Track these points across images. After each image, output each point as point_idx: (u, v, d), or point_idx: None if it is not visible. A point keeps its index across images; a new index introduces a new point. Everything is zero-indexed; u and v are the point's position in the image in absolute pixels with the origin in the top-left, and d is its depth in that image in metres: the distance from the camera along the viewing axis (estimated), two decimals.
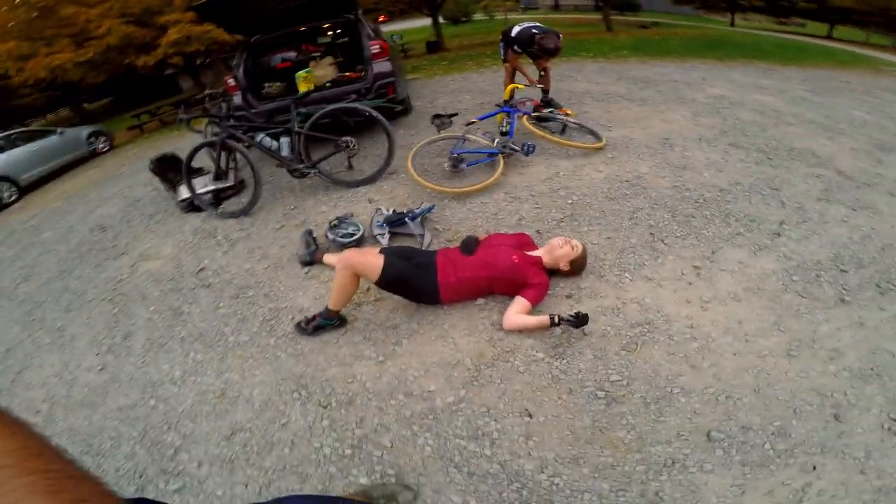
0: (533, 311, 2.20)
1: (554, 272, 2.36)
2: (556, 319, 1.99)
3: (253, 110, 4.63)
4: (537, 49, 4.39)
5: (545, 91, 4.90)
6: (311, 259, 2.92)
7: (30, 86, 13.53)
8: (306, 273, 2.91)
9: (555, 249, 2.30)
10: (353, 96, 4.42)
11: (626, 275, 2.43)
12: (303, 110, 3.90)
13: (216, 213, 3.95)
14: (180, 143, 7.45)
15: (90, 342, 2.95)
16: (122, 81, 18.01)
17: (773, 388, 1.78)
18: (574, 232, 2.82)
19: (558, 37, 4.39)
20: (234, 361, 2.40)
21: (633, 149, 3.85)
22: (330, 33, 6.35)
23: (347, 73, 5.26)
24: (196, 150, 3.80)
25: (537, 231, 2.89)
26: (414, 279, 2.23)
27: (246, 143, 3.71)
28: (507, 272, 2.21)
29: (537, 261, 2.31)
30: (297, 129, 3.68)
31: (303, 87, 4.77)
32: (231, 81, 4.79)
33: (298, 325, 2.40)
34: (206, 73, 16.22)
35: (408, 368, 2.10)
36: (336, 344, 2.32)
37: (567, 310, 2.18)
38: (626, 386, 1.86)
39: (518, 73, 4.92)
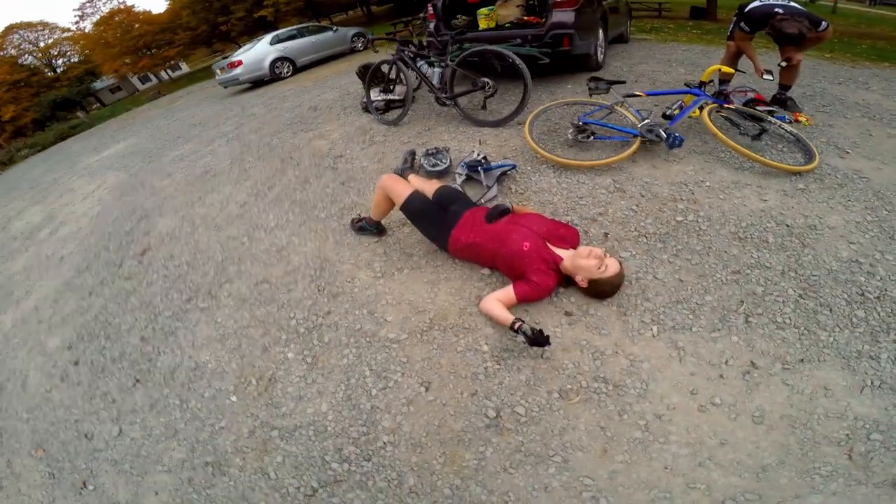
0: (518, 308, 2.03)
1: (572, 283, 2.07)
2: (517, 326, 1.79)
3: (439, 37, 4.87)
4: (772, 31, 3.43)
5: (784, 87, 3.76)
6: (402, 175, 3.27)
7: None
8: None
9: (579, 257, 1.97)
10: (518, 41, 4.30)
11: (654, 328, 1.89)
12: (467, 45, 4.09)
13: (378, 117, 4.67)
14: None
15: (252, 185, 4.07)
16: None
17: None
18: (648, 255, 2.23)
19: (812, 23, 3.30)
20: (305, 228, 3.08)
21: (853, 192, 2.54)
22: None
23: (529, 17, 5.01)
24: (378, 64, 4.51)
25: (605, 234, 2.43)
26: (433, 221, 2.32)
27: (409, 67, 4.19)
28: (510, 255, 2.04)
29: (553, 259, 2.03)
30: (447, 62, 3.96)
31: (483, 24, 4.86)
32: (430, 9, 5.20)
33: (353, 220, 2.86)
34: None
35: (389, 293, 2.32)
36: (362, 246, 2.73)
37: (556, 325, 1.95)
38: (521, 424, 1.66)
39: (745, 57, 3.82)
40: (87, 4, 31.99)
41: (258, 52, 10.80)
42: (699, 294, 2.00)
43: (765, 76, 3.44)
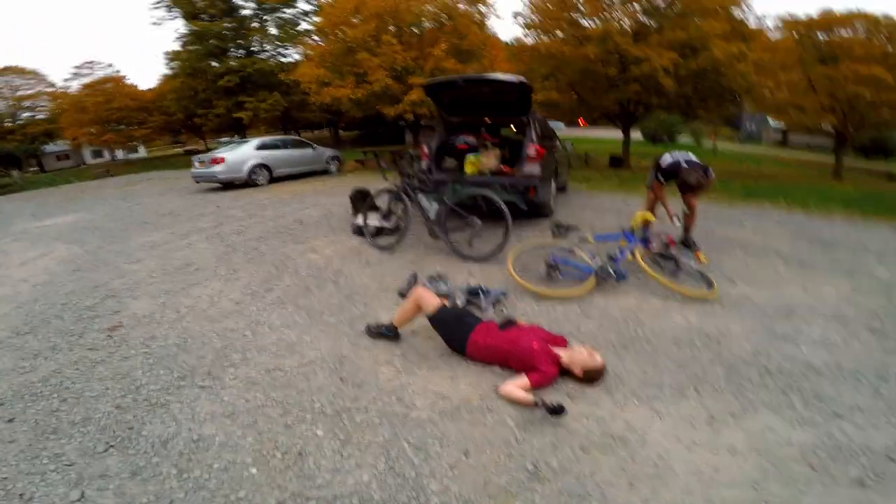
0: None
1: (567, 373, 2.74)
2: (539, 402, 2.40)
3: (430, 175, 5.90)
4: (679, 182, 4.65)
5: (686, 229, 5.04)
6: (407, 294, 3.89)
7: (315, 106, 18.99)
8: (396, 302, 3.88)
9: (575, 353, 2.71)
10: (498, 187, 5.32)
11: (635, 400, 2.63)
12: (456, 187, 5.08)
13: (370, 241, 5.38)
14: (380, 183, 9.60)
15: (245, 285, 4.46)
16: (369, 122, 23.76)
17: None
18: (616, 355, 3.07)
19: (705, 173, 4.56)
20: (316, 329, 3.48)
21: (743, 309, 3.73)
22: (508, 128, 7.70)
23: (505, 167, 6.27)
24: (379, 192, 5.39)
25: (581, 343, 3.15)
26: (454, 327, 2.99)
27: (411, 199, 5.09)
28: (522, 352, 2.71)
29: (555, 356, 2.73)
30: (446, 200, 4.88)
31: (469, 170, 6.06)
32: (425, 149, 6.42)
33: (368, 327, 3.35)
34: (423, 133, 19.89)
35: (413, 385, 2.75)
36: (379, 349, 3.16)
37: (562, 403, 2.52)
38: (557, 473, 2.11)
39: (659, 204, 5.06)
40: (86, 66, 32.70)
41: (242, 154, 11.59)
42: (659, 377, 2.83)
43: (674, 221, 4.80)
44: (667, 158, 4.95)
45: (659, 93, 13.12)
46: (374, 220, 5.58)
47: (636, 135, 21.64)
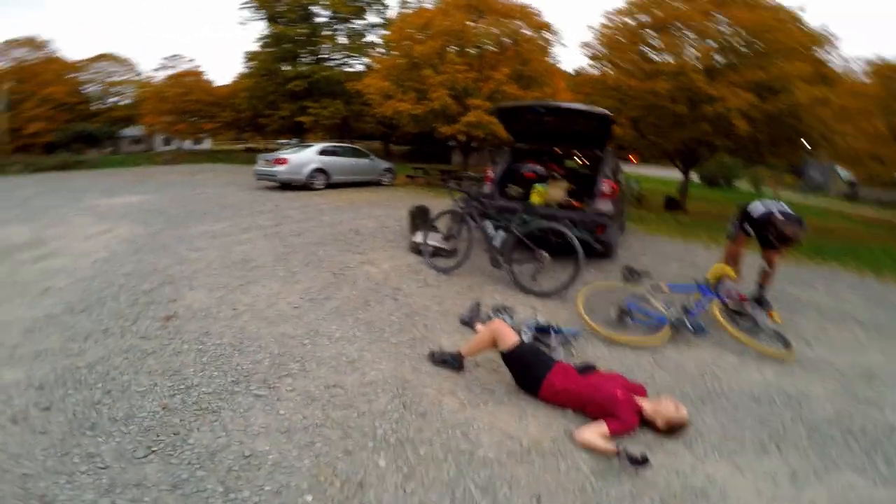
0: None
1: (648, 425, 2.63)
2: (621, 451, 2.27)
3: (493, 202, 5.78)
4: (773, 233, 4.26)
5: (761, 286, 4.63)
6: (469, 321, 3.80)
7: (373, 117, 19.47)
8: (457, 328, 3.81)
9: (661, 404, 2.62)
10: (568, 221, 5.05)
11: (716, 454, 2.53)
12: (525, 217, 4.94)
13: (428, 261, 5.31)
14: (429, 200, 9.62)
15: (304, 290, 4.46)
16: (419, 138, 24.11)
17: None
18: (695, 408, 2.95)
19: (801, 224, 4.20)
20: (376, 348, 3.40)
21: (823, 371, 3.63)
22: (577, 160, 7.47)
23: (573, 201, 6.02)
24: (444, 212, 5.33)
25: (657, 393, 3.03)
26: (531, 366, 2.86)
27: (476, 223, 5.01)
28: (604, 400, 2.61)
29: (637, 406, 2.64)
30: (514, 230, 4.76)
31: (534, 199, 5.88)
32: (490, 173, 6.31)
33: (432, 353, 3.25)
34: (472, 155, 19.92)
35: (478, 420, 2.62)
36: (441, 377, 3.05)
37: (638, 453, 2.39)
38: None
39: (739, 257, 4.74)
40: (173, 59, 35.02)
41: (305, 157, 12.04)
42: (739, 432, 2.74)
43: (732, 279, 4.36)
44: (758, 207, 4.60)
45: (729, 134, 12.59)
46: (433, 240, 5.51)
47: (692, 176, 20.87)
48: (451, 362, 3.14)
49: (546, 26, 16.13)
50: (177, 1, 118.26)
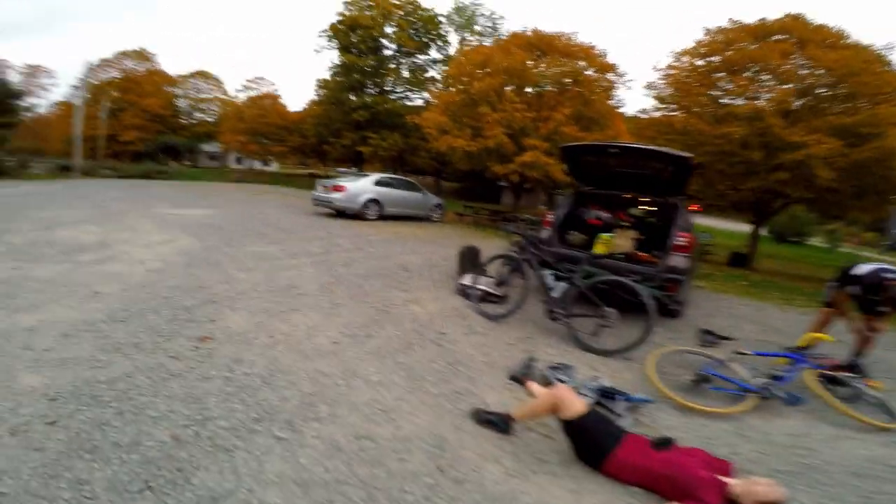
0: None
1: None
2: None
3: (552, 248, 5.37)
4: (884, 297, 3.94)
5: (857, 353, 4.22)
6: (519, 378, 3.41)
7: (427, 152, 19.67)
8: (505, 384, 3.44)
9: (756, 484, 2.32)
10: (638, 277, 4.60)
11: None
12: (591, 269, 4.51)
13: (476, 306, 4.94)
14: (478, 240, 9.18)
15: (345, 324, 4.22)
16: (469, 176, 24.22)
17: None
18: (789, 486, 2.60)
19: None
20: (415, 398, 3.08)
21: None
22: (645, 209, 6.67)
23: (642, 254, 5.49)
24: (498, 255, 5.01)
25: (743, 470, 2.68)
26: (598, 438, 2.53)
27: (533, 271, 4.63)
28: (685, 480, 2.31)
29: (722, 485, 2.33)
30: (577, 281, 4.36)
31: (599, 249, 5.38)
32: (550, 217, 5.85)
33: (478, 411, 2.89)
34: (523, 196, 19.48)
35: (526, 494, 2.26)
36: (485, 438, 2.69)
37: None
38: None
39: (829, 323, 4.42)
40: (256, 80, 38.16)
41: (361, 186, 12.19)
42: None
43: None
44: (863, 268, 4.28)
45: (808, 185, 11.55)
46: (483, 284, 5.18)
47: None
48: (499, 424, 2.78)
49: (611, 68, 15.84)
50: (263, 22, 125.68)
